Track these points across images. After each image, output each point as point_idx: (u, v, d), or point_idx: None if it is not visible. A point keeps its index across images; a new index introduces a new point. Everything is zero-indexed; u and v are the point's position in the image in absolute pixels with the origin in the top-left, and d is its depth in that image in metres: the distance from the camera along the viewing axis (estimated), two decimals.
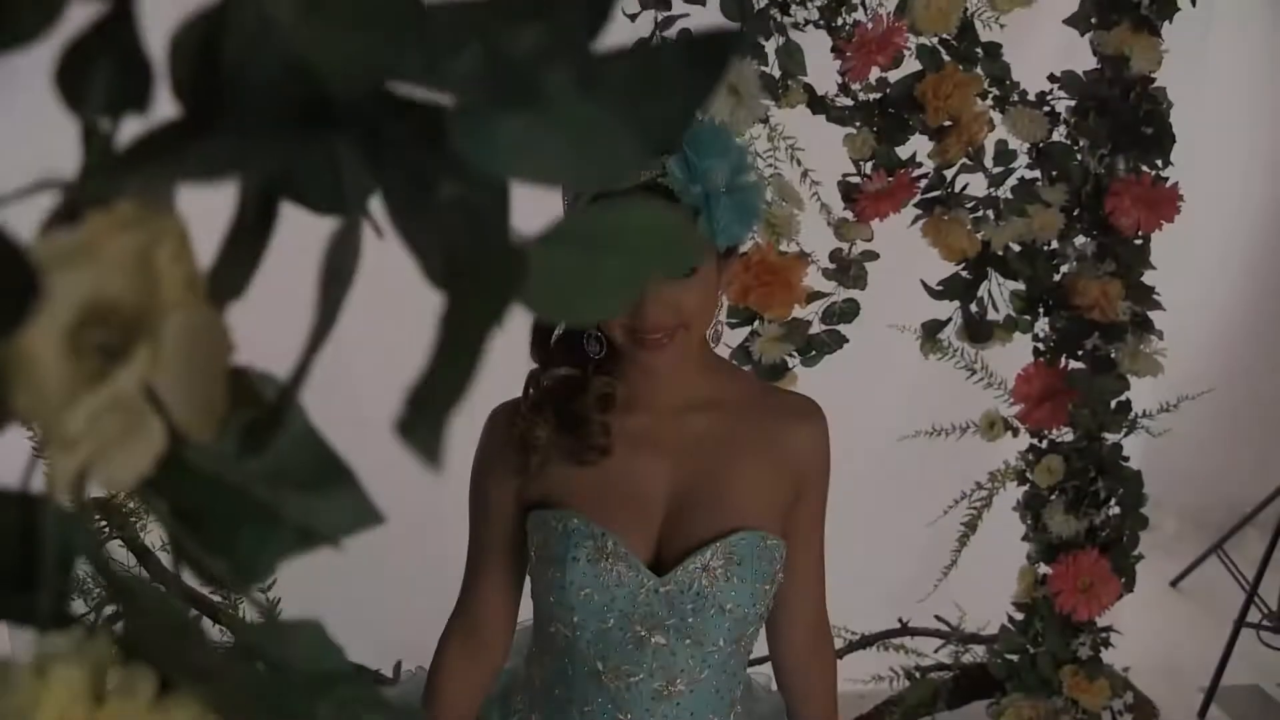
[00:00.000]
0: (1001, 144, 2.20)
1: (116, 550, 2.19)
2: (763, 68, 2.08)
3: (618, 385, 1.40)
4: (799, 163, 2.21)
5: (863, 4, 2.12)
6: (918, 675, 2.72)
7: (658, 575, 1.37)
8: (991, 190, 2.22)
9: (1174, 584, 3.60)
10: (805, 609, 1.52)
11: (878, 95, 2.16)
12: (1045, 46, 2.34)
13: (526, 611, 1.54)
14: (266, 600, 2.35)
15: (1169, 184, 2.17)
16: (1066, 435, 2.38)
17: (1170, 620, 3.38)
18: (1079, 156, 2.21)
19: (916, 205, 2.22)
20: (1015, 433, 2.39)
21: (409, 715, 0.37)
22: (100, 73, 0.29)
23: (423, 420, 0.26)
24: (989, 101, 2.18)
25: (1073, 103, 2.22)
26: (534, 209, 0.36)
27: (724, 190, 1.24)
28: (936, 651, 2.72)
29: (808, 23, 2.11)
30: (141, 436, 0.30)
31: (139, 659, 0.32)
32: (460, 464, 1.55)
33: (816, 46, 2.12)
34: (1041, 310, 2.31)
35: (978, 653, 2.74)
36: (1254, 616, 3.07)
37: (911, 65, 2.14)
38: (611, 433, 1.39)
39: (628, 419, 1.41)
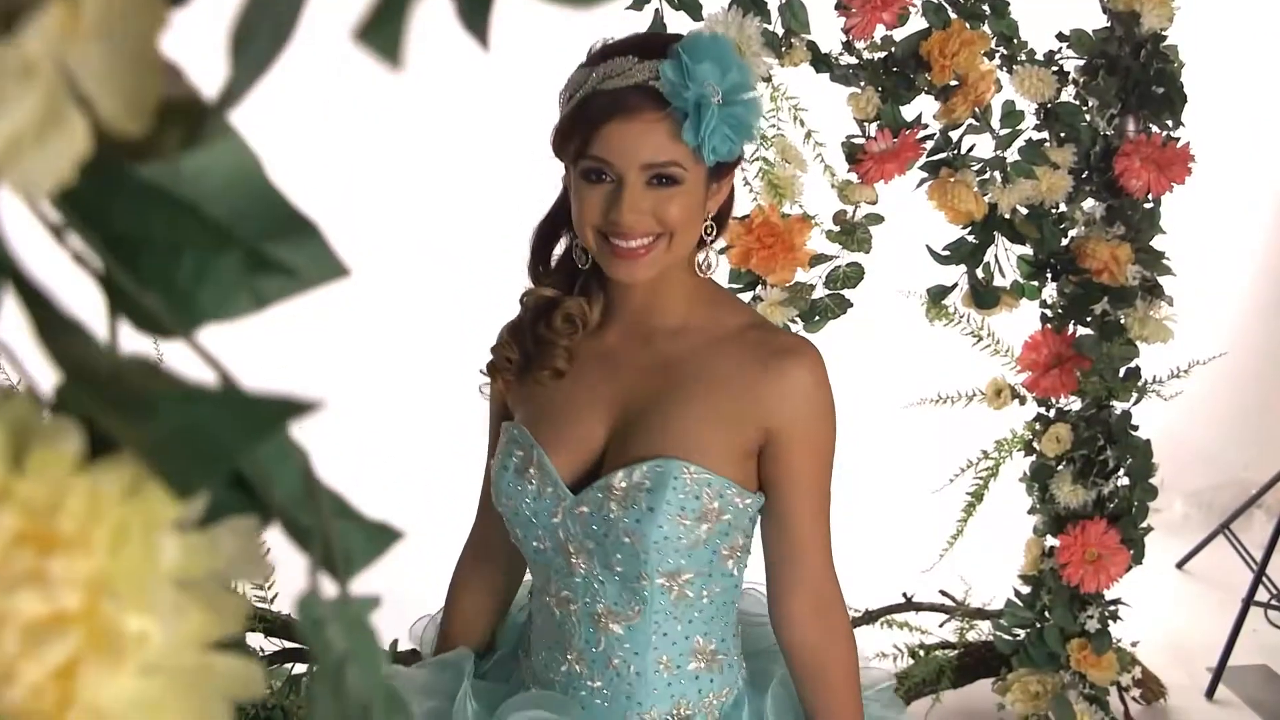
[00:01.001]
0: (1009, 105, 2.16)
1: None
2: (765, 25, 2.04)
3: (593, 307, 1.37)
4: (802, 123, 2.17)
5: None
6: (922, 653, 2.68)
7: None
8: (998, 152, 2.17)
9: (1180, 565, 3.56)
10: (802, 577, 1.37)
11: (883, 54, 2.12)
12: (1054, 3, 2.29)
13: None
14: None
15: (1180, 145, 2.12)
16: (1075, 404, 2.34)
17: (1177, 602, 3.34)
18: (1088, 117, 2.17)
19: (922, 168, 2.18)
20: (1022, 401, 2.35)
21: (381, 529, 0.33)
22: None
23: (382, 22, 0.22)
24: (996, 60, 2.14)
25: (1082, 62, 2.18)
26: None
27: (718, 101, 1.20)
28: (941, 626, 2.68)
29: None
30: (60, 131, 0.25)
31: (65, 412, 0.28)
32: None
33: (820, 3, 2.07)
34: (1049, 275, 2.27)
35: (983, 629, 2.70)
36: (1262, 597, 3.03)
37: (917, 23, 2.09)
38: (572, 356, 1.38)
39: (598, 338, 1.39)
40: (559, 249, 1.41)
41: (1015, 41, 2.14)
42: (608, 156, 1.24)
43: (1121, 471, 2.33)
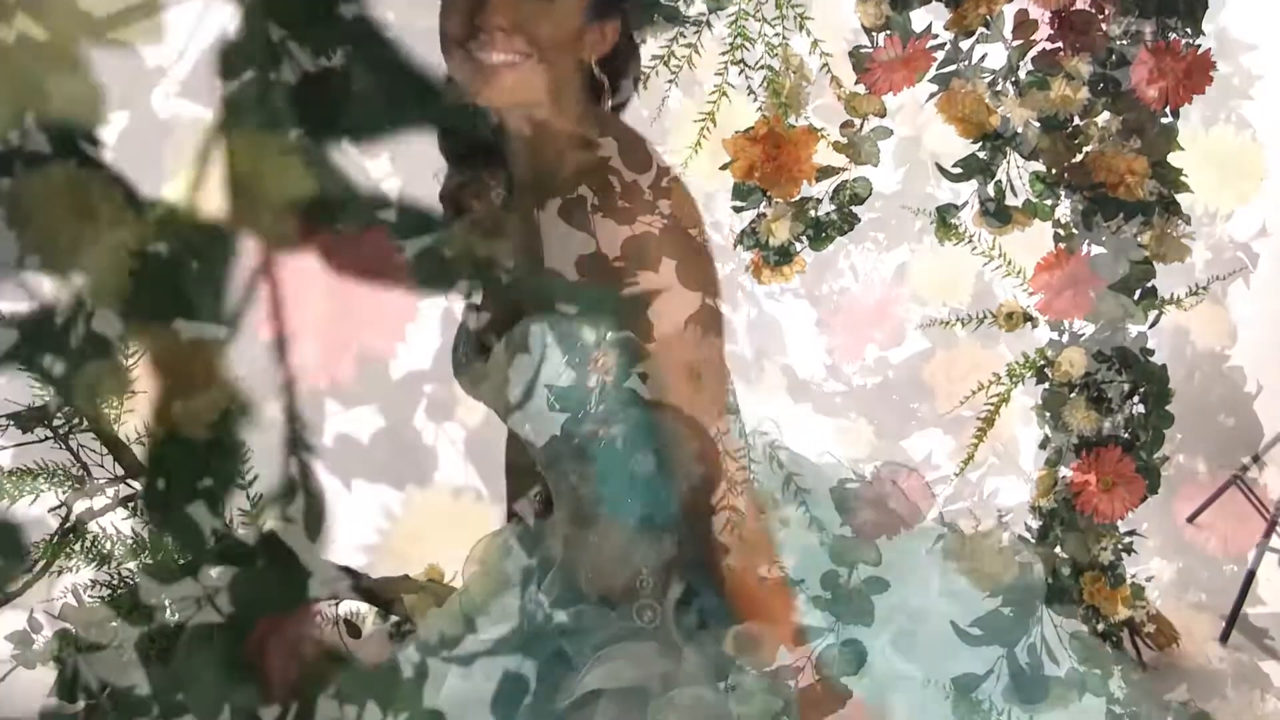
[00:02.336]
0: (1022, 13, 2.09)
1: (89, 441, 2.08)
2: None
3: (497, 178, 1.31)
4: (808, 32, 2.10)
5: None
6: None
7: None
8: (1011, 62, 2.10)
9: (1191, 520, 3.48)
10: None
11: None
12: None
13: None
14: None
15: (1200, 51, 2.05)
16: (1089, 329, 2.26)
17: (1188, 554, 3.27)
18: (1104, 25, 2.10)
19: (932, 80, 2.11)
20: (1034, 324, 2.27)
21: None
22: None
23: None
24: None
25: None
26: None
27: None
28: None
29: None
30: None
31: None
32: None
33: None
34: (1063, 192, 2.19)
35: None
36: (1277, 544, 2.95)
37: None
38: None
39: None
40: None
41: None
42: None
43: (1136, 398, 2.26)
